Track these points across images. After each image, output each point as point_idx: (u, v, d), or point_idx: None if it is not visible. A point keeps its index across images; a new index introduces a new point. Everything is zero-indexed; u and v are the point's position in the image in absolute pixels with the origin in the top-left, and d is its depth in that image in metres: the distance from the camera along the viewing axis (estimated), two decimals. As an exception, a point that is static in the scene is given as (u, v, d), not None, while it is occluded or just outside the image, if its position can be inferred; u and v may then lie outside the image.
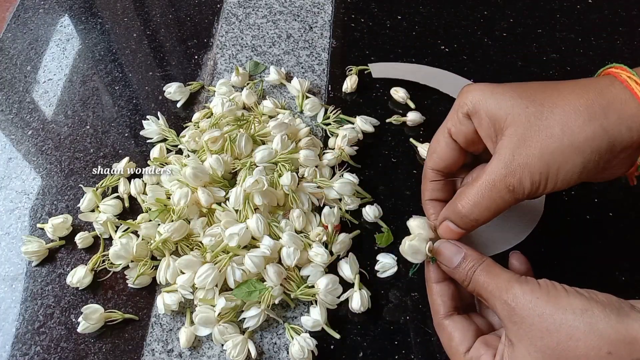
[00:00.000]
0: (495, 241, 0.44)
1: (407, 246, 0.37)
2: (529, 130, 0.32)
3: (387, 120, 0.54)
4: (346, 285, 0.44)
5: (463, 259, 0.35)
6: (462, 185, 0.40)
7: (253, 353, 0.40)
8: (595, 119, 0.30)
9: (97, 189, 0.48)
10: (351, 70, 0.57)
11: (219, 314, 0.41)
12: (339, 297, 0.43)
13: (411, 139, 0.53)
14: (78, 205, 0.48)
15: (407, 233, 0.47)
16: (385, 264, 0.45)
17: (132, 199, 0.49)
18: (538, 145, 0.31)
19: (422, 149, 0.52)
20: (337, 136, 0.51)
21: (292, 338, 0.41)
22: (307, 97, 0.55)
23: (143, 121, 0.53)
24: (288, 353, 0.41)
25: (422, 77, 0.56)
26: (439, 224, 0.38)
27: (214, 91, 0.56)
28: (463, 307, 0.38)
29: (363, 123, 0.52)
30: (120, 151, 0.53)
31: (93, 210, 0.48)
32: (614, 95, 0.31)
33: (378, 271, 0.45)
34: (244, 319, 0.41)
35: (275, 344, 0.42)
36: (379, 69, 0.55)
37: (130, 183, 0.49)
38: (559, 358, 0.30)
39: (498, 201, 0.33)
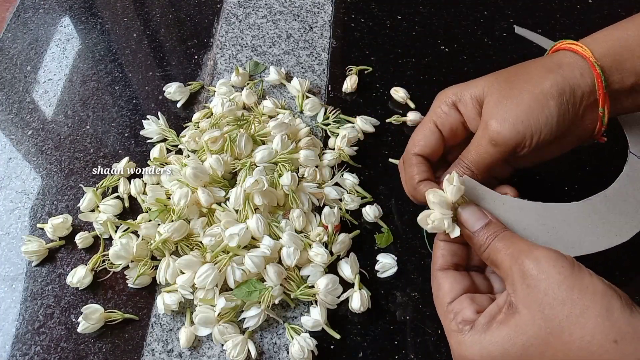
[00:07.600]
0: (589, 239, 0.39)
1: (429, 227, 0.37)
2: (504, 92, 0.38)
3: (387, 120, 0.54)
4: (346, 285, 0.44)
5: (485, 225, 0.36)
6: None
7: (253, 353, 0.40)
8: (553, 71, 0.37)
9: (97, 189, 0.48)
10: (351, 70, 0.57)
11: (219, 314, 0.41)
12: (339, 297, 0.43)
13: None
14: (78, 205, 0.48)
15: (407, 232, 0.47)
16: (385, 264, 0.45)
17: (132, 199, 0.49)
18: (514, 101, 0.37)
19: None
20: (337, 136, 0.51)
21: (292, 338, 0.41)
22: (307, 97, 0.55)
23: (143, 121, 0.53)
24: (288, 353, 0.41)
25: None
26: (446, 178, 0.38)
27: (214, 91, 0.56)
28: (465, 268, 0.38)
29: (363, 123, 0.52)
30: (120, 151, 0.53)
31: (93, 210, 0.48)
32: (561, 56, 0.38)
33: (378, 271, 0.45)
34: (244, 319, 0.42)
35: (275, 344, 0.42)
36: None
37: (130, 183, 0.49)
38: (563, 331, 0.29)
39: (485, 156, 0.39)
